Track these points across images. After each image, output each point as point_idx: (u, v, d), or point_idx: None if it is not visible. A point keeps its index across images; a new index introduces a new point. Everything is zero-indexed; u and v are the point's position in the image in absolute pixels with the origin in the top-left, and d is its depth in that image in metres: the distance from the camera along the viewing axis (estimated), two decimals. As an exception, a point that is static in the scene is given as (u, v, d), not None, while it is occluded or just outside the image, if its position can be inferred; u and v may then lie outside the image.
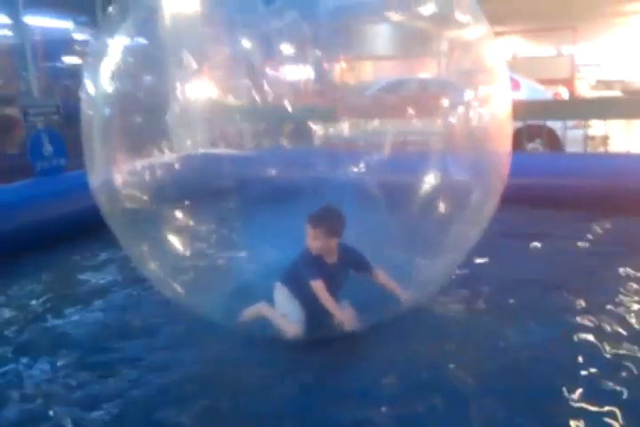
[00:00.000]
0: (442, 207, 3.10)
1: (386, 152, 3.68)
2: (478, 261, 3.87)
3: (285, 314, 2.99)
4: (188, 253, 3.22)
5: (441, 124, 3.37)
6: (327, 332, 2.90)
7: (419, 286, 3.16)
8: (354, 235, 3.10)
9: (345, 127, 4.01)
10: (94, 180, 2.91)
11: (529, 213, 4.96)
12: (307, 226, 2.94)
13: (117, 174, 2.89)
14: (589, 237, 4.51)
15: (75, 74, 9.05)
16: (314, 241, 2.94)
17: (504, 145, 3.07)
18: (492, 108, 3.04)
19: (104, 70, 2.86)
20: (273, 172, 3.90)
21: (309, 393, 2.55)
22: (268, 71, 3.69)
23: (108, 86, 2.87)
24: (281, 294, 3.07)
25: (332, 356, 2.83)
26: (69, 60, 9.06)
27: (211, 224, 3.55)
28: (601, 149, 6.99)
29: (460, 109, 3.16)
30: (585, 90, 17.66)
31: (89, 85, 2.86)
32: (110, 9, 3.00)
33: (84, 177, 2.95)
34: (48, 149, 5.07)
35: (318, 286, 2.86)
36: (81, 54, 8.76)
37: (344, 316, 2.87)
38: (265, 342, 2.94)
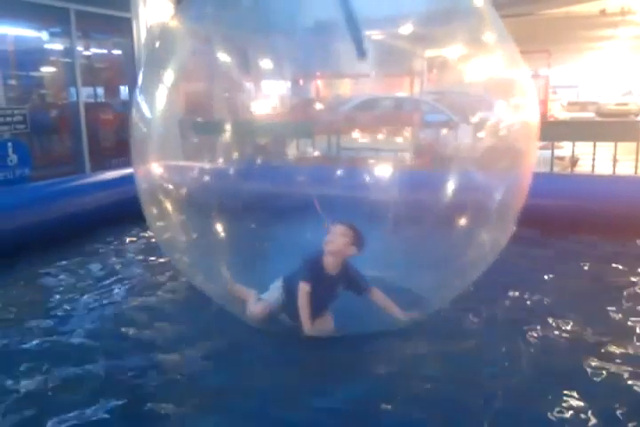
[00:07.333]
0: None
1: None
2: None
3: (263, 298, 3.06)
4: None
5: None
6: (283, 328, 2.97)
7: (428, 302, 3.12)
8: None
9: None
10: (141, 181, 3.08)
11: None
12: (335, 229, 2.89)
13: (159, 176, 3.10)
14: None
15: (46, 83, 8.92)
16: (336, 245, 2.87)
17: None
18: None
19: (158, 95, 3.12)
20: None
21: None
22: (247, 86, 3.67)
23: (159, 107, 3.11)
24: (275, 284, 3.11)
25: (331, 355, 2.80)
26: (43, 69, 8.91)
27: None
28: (568, 170, 7.13)
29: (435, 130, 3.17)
30: (558, 111, 17.99)
31: (143, 106, 3.10)
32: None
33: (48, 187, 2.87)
34: (13, 158, 4.95)
35: (304, 290, 2.86)
36: (54, 64, 8.63)
37: (308, 324, 2.85)
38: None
